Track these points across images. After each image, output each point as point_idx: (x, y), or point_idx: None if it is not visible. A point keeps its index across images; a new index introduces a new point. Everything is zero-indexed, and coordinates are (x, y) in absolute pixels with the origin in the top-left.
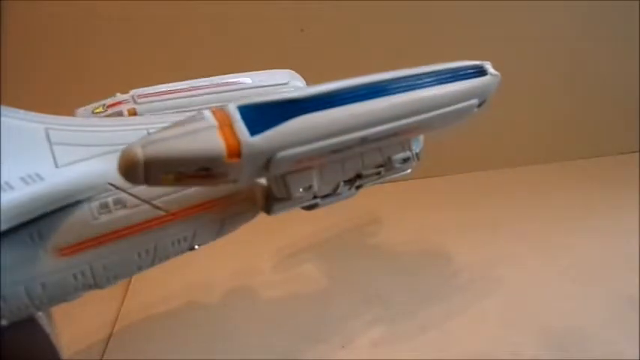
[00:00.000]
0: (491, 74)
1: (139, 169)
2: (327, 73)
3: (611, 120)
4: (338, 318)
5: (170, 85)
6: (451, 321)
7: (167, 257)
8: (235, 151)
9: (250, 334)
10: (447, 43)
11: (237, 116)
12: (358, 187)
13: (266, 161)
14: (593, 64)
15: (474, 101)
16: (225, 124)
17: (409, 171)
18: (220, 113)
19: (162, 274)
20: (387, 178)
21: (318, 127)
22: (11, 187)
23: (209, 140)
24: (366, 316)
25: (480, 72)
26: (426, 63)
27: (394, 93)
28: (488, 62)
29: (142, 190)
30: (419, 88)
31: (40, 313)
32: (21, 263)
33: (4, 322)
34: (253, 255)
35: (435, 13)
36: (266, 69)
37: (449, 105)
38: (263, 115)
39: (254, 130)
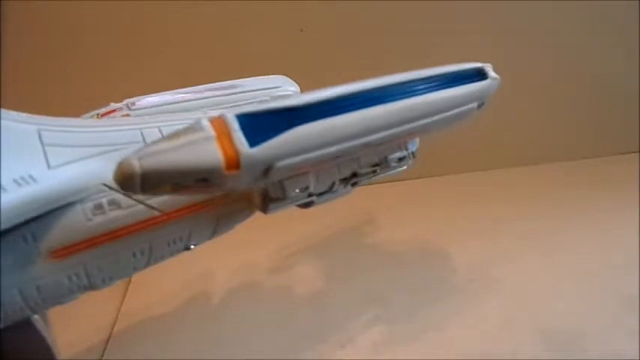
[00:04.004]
0: (491, 78)
1: (135, 181)
2: (326, 73)
3: (611, 120)
4: (338, 318)
5: (163, 93)
6: (451, 321)
7: (163, 257)
8: (234, 163)
9: (250, 334)
10: (448, 43)
11: (235, 126)
12: (354, 185)
13: (265, 170)
14: (593, 64)
15: (474, 104)
16: (223, 134)
17: (405, 168)
18: (218, 122)
19: (162, 274)
20: (383, 175)
21: (317, 136)
22: (4, 190)
23: (207, 152)
24: (366, 316)
25: (481, 75)
26: (427, 64)
27: (393, 100)
28: (489, 65)
29: None
30: (418, 94)
31: (35, 316)
32: (15, 266)
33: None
34: (253, 255)
35: (435, 14)
36: (265, 69)
37: (448, 110)
38: (262, 124)
39: (253, 140)
